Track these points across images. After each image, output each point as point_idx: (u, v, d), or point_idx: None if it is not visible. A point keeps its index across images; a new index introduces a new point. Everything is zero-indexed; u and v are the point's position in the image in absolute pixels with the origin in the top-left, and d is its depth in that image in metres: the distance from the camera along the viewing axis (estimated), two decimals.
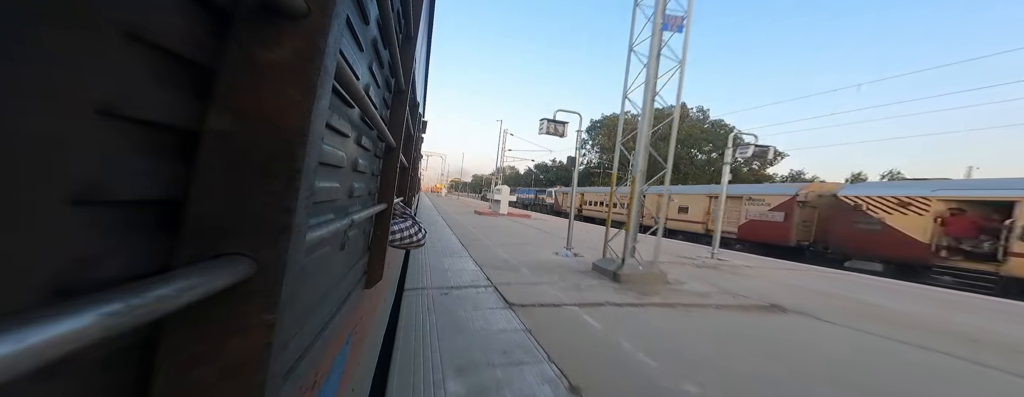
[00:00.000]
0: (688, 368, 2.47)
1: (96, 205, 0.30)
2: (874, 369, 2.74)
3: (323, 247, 0.84)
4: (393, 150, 1.59)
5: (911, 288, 6.66)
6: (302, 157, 0.41)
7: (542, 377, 2.20)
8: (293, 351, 0.65)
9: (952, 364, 2.98)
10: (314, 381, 0.80)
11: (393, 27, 1.16)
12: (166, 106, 0.36)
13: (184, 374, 0.38)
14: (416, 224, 2.11)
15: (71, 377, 0.30)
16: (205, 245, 0.38)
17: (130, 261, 0.35)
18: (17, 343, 0.18)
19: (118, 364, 0.35)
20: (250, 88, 0.40)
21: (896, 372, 2.72)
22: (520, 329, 2.95)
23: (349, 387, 1.27)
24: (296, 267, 0.45)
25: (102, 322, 0.22)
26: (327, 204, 0.85)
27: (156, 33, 0.33)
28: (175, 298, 0.28)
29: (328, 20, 0.43)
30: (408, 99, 1.72)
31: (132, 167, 0.33)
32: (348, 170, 1.01)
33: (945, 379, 2.71)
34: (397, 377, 2.10)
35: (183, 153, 0.39)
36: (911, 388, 2.48)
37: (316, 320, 0.81)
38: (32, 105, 0.24)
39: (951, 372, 2.84)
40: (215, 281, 0.34)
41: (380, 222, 1.60)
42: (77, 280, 0.29)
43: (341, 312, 1.06)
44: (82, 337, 0.21)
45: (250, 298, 0.40)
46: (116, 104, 0.30)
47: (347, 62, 0.80)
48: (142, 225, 0.36)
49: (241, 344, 0.40)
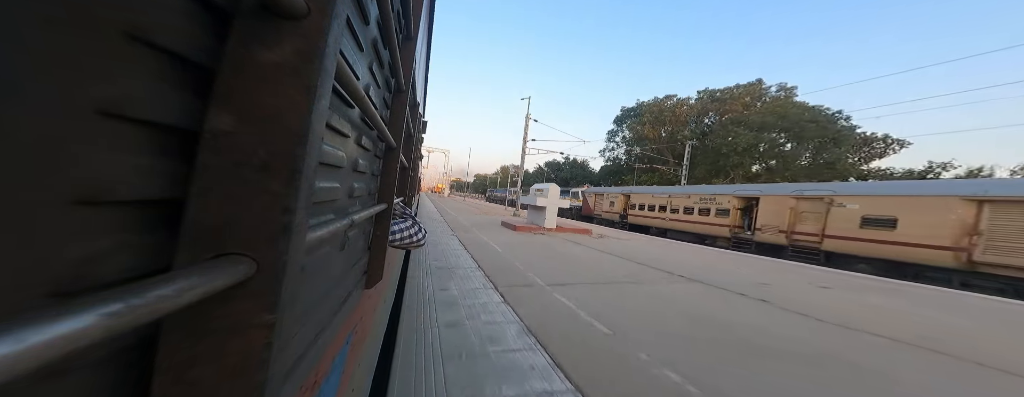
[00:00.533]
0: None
1: (96, 205, 0.30)
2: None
3: (323, 247, 0.84)
4: (393, 150, 1.59)
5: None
6: (302, 157, 0.41)
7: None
8: (293, 351, 0.65)
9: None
10: (314, 381, 0.80)
11: (393, 27, 1.16)
12: (166, 106, 0.36)
13: (184, 374, 0.38)
14: (416, 224, 2.11)
15: (71, 377, 0.30)
16: (205, 245, 0.38)
17: (130, 261, 0.35)
18: (17, 343, 0.18)
19: (118, 364, 0.35)
20: (250, 88, 0.40)
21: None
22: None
23: (349, 387, 1.27)
24: (296, 267, 0.45)
25: (103, 322, 0.22)
26: (327, 204, 0.85)
27: (156, 33, 0.33)
28: (175, 298, 0.28)
29: (328, 20, 0.43)
30: (408, 99, 1.72)
31: (132, 167, 0.33)
32: (348, 170, 1.01)
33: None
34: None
35: (183, 153, 0.39)
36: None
37: (316, 320, 0.81)
38: (32, 105, 0.24)
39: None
40: (215, 281, 0.34)
41: (380, 222, 1.60)
42: (77, 280, 0.29)
43: (341, 312, 1.06)
44: (83, 337, 0.21)
45: (250, 298, 0.40)
46: (116, 104, 0.30)
47: (347, 62, 0.80)
48: (142, 225, 0.36)
49: (241, 344, 0.40)
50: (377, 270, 1.59)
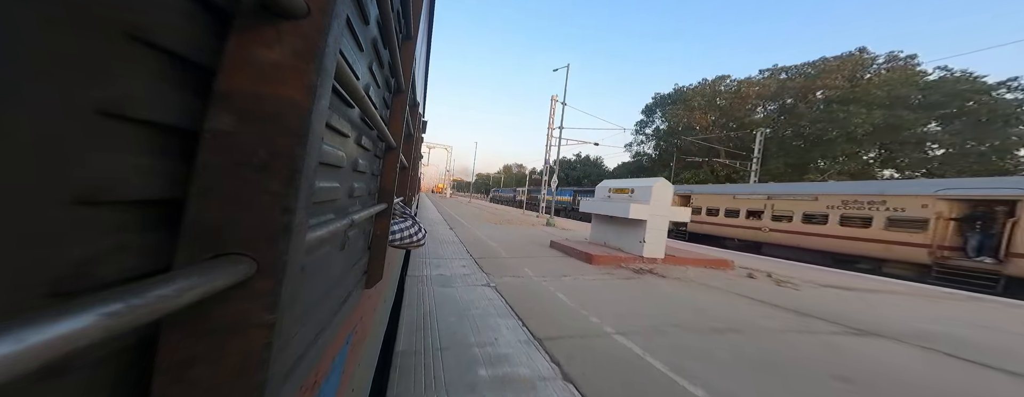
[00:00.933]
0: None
1: (96, 205, 0.30)
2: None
3: (323, 247, 0.84)
4: (393, 150, 1.59)
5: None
6: (302, 157, 0.41)
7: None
8: (293, 351, 0.65)
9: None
10: (314, 381, 0.80)
11: (393, 27, 1.16)
12: (166, 106, 0.36)
13: (184, 374, 0.38)
14: (416, 224, 2.11)
15: (72, 376, 0.30)
16: (205, 245, 0.38)
17: (130, 261, 0.35)
18: (18, 343, 0.18)
19: (118, 364, 0.35)
20: (250, 88, 0.40)
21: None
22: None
23: (349, 387, 1.27)
24: (296, 267, 0.45)
25: (103, 322, 0.22)
26: (327, 204, 0.85)
27: (156, 33, 0.33)
28: (175, 298, 0.28)
29: (328, 20, 0.43)
30: (408, 99, 1.72)
31: (132, 167, 0.33)
32: (348, 170, 1.01)
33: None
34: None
35: (183, 153, 0.39)
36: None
37: (316, 320, 0.81)
38: (32, 105, 0.24)
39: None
40: (215, 281, 0.34)
41: (380, 222, 1.60)
42: (78, 280, 0.29)
43: (341, 312, 1.06)
44: (83, 337, 0.21)
45: (250, 298, 0.40)
46: (116, 104, 0.30)
47: (347, 62, 0.80)
48: (143, 225, 0.36)
49: (241, 344, 0.40)
50: (377, 270, 1.59)
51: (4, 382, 0.17)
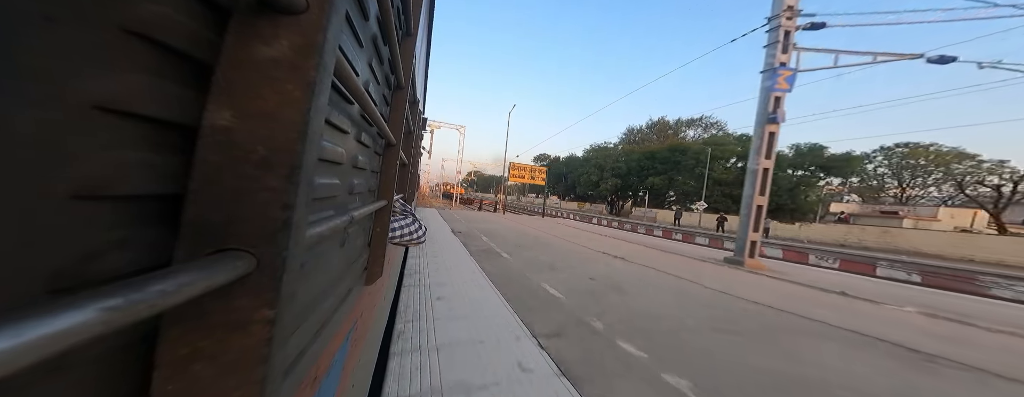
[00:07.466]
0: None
1: (96, 200, 0.30)
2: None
3: (323, 243, 0.84)
4: (393, 147, 1.59)
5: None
6: (301, 153, 0.41)
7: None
8: (293, 347, 0.66)
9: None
10: (314, 377, 0.81)
11: (393, 23, 1.15)
12: (164, 102, 0.36)
13: (184, 370, 0.38)
14: (416, 221, 2.11)
15: (71, 372, 0.30)
16: (205, 241, 0.38)
17: (130, 256, 0.35)
18: (18, 337, 0.18)
19: (118, 359, 0.35)
20: (249, 84, 0.40)
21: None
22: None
23: (349, 383, 1.27)
24: (296, 263, 0.45)
25: (102, 317, 0.22)
26: (327, 201, 0.85)
27: (153, 29, 0.33)
28: (175, 293, 0.28)
29: (327, 16, 0.42)
30: (408, 96, 1.72)
31: (131, 163, 0.33)
32: (348, 167, 1.01)
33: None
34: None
35: (182, 149, 0.39)
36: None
37: (316, 316, 0.82)
38: (31, 101, 0.24)
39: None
40: (215, 277, 0.34)
41: (380, 219, 1.60)
42: (77, 275, 0.29)
43: (341, 308, 1.07)
44: (82, 332, 0.21)
45: (250, 294, 0.40)
46: (114, 100, 0.30)
47: (346, 58, 0.80)
48: (142, 221, 0.36)
49: (241, 340, 0.40)
50: (377, 267, 1.59)
51: (4, 376, 0.17)
